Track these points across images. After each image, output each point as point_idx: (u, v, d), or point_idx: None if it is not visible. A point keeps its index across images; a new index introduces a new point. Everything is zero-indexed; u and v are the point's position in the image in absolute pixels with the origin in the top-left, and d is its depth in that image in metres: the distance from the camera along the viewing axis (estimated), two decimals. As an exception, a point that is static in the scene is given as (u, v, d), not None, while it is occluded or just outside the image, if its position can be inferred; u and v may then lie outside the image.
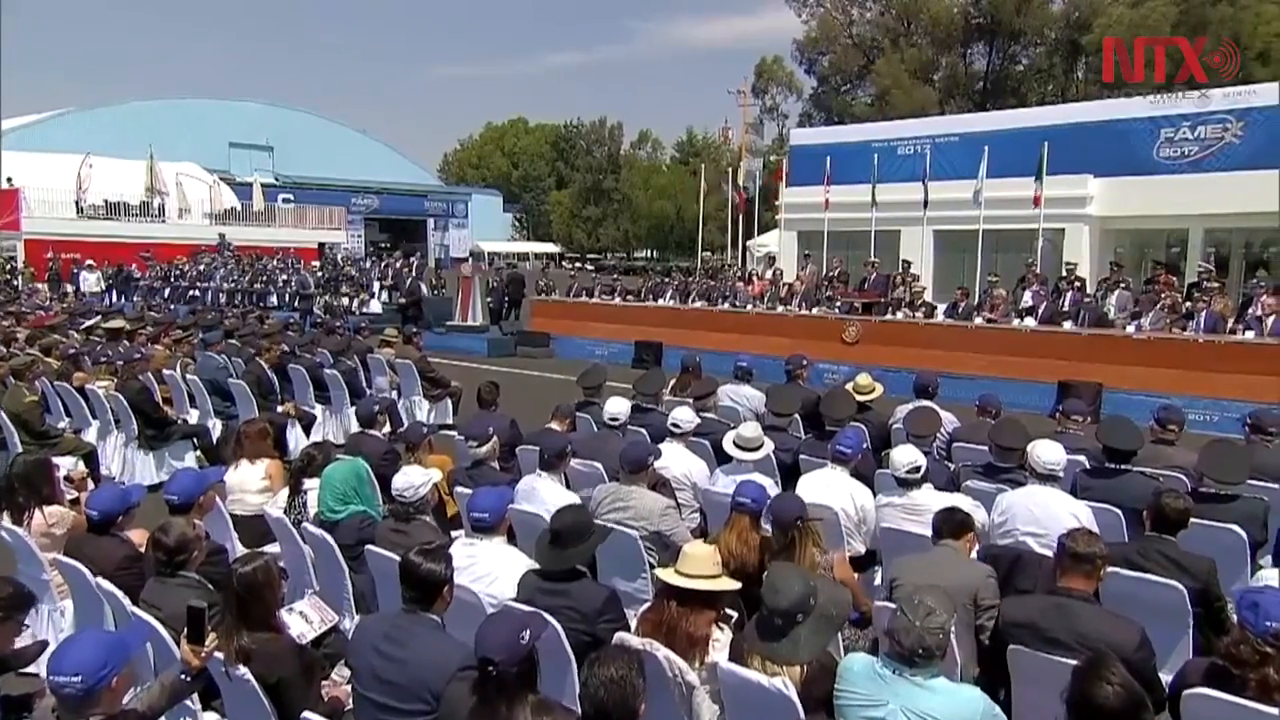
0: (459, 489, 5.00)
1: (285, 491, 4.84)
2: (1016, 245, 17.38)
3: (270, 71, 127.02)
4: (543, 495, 4.63)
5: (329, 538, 4.15)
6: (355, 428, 6.66)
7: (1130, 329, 11.87)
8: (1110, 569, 3.25)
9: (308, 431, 8.93)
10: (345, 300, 21.61)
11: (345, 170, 52.52)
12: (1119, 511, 4.38)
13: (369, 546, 3.96)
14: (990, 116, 23.85)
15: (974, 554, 3.73)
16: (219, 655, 2.85)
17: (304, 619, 3.74)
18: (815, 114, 48.80)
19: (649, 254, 70.01)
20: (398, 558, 3.14)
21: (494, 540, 3.74)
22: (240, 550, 4.92)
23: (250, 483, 5.21)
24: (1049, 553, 3.86)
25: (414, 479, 4.08)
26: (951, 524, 3.63)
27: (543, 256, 59.69)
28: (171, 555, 3.33)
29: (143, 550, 3.73)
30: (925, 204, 17.79)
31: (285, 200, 41.94)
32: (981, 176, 17.09)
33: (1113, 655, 2.41)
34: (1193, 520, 3.77)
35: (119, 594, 3.40)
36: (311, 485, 4.62)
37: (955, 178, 18.00)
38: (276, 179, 46.83)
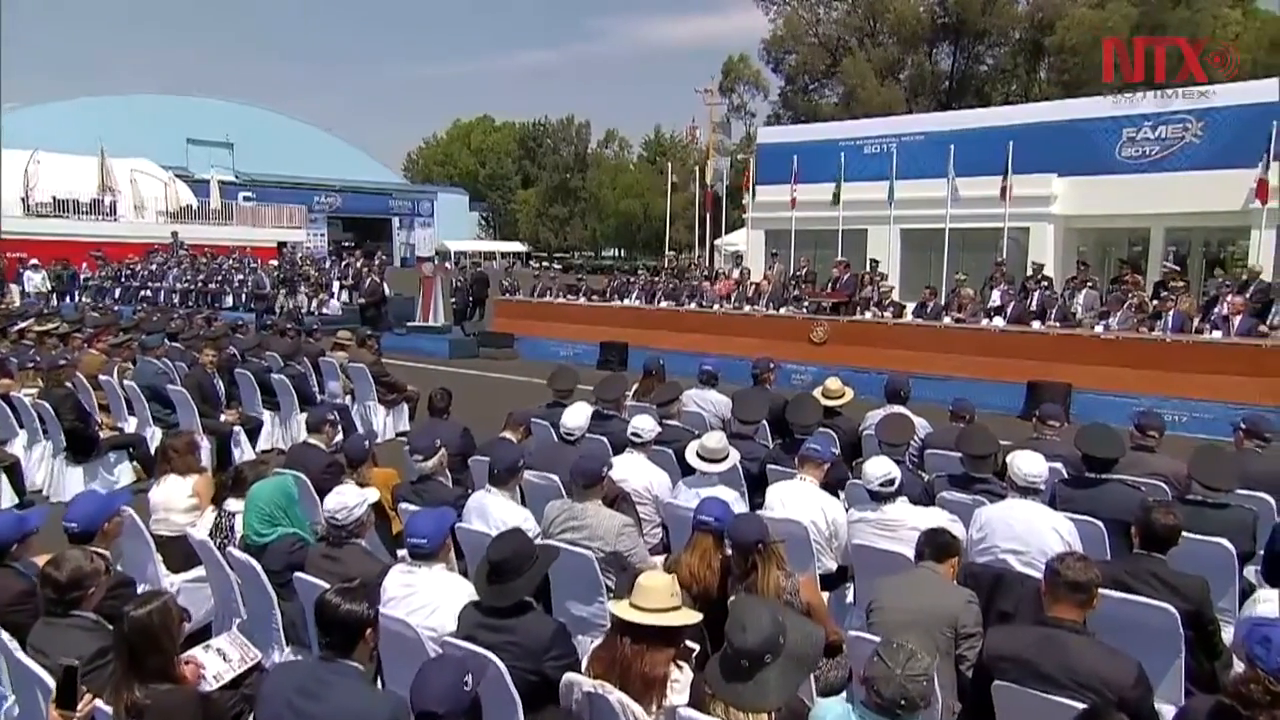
0: (404, 505, 4.66)
1: (211, 511, 4.46)
2: (982, 244, 17.38)
3: (232, 68, 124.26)
4: (493, 513, 4.31)
5: (255, 563, 3.79)
6: (305, 436, 6.28)
7: (1099, 329, 11.82)
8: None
9: (254, 440, 8.52)
10: (303, 300, 20.99)
11: (308, 168, 51.56)
12: (1101, 524, 4.15)
13: (298, 573, 3.62)
14: (955, 116, 23.82)
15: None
16: (108, 709, 2.50)
17: (222, 657, 3.41)
18: (783, 113, 48.75)
19: (616, 253, 69.64)
20: (328, 586, 2.81)
21: (434, 568, 3.42)
22: (164, 573, 4.54)
23: (176, 500, 4.80)
24: (1031, 571, 3.64)
25: (348, 499, 3.71)
26: (935, 546, 3.38)
27: (509, 255, 59.10)
28: (63, 592, 2.93)
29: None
30: (891, 201, 17.72)
31: (246, 198, 40.96)
32: (950, 175, 17.06)
33: (1113, 705, 2.15)
34: (1179, 533, 3.56)
35: (5, 636, 3.02)
36: (239, 506, 4.24)
37: (921, 177, 17.95)
38: (236, 177, 45.77)
